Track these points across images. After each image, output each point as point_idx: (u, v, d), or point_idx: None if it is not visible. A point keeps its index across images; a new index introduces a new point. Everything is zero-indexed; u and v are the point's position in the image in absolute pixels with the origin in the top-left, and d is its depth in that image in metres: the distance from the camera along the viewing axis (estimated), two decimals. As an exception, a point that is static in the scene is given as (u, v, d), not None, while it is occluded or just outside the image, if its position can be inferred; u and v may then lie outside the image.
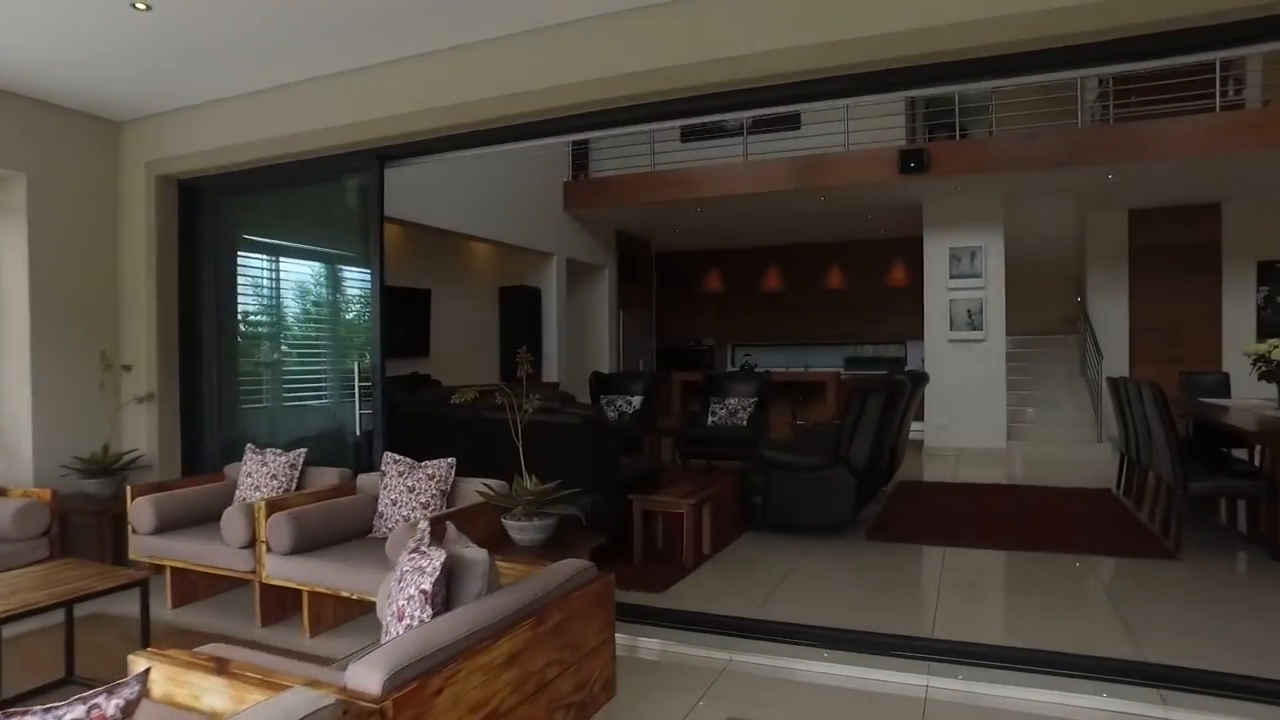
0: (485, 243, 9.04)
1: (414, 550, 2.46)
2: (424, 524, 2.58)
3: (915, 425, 9.48)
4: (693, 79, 3.62)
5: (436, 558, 2.38)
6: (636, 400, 9.20)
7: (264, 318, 5.57)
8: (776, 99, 3.69)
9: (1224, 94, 8.31)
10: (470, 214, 8.48)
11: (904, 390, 5.65)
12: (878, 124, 8.92)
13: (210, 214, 5.36)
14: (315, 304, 5.55)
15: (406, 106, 4.29)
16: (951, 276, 9.38)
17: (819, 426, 7.84)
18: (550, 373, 9.98)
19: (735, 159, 9.43)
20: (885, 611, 4.03)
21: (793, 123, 10.09)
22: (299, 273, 5.60)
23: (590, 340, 11.34)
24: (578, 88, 3.86)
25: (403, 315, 8.04)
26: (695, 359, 13.51)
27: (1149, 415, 5.29)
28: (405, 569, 2.42)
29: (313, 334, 5.56)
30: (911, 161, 8.27)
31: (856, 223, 11.25)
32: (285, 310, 5.56)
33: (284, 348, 5.52)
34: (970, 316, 9.30)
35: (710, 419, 8.76)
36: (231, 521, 3.91)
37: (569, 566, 2.80)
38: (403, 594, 2.36)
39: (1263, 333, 9.80)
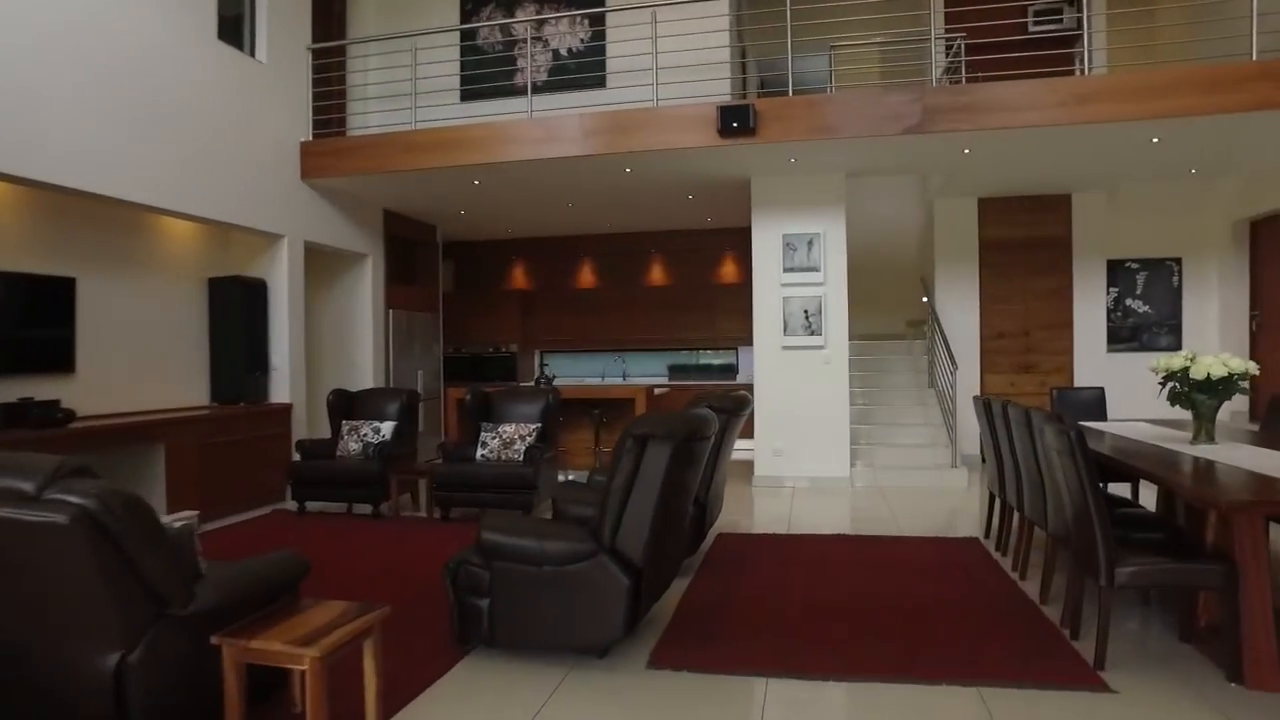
0: (174, 217, 6.56)
1: None
2: None
3: (744, 445, 7.78)
4: None
5: None
6: (388, 428, 6.97)
7: None
8: None
9: (1080, 70, 7.15)
10: (148, 176, 6.00)
11: (707, 431, 3.69)
12: (698, 85, 7.14)
13: None
14: None
15: None
16: (785, 269, 7.73)
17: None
18: (281, 390, 7.56)
19: (520, 115, 7.39)
20: None
21: (597, 78, 8.18)
22: None
23: (351, 347, 8.97)
24: None
25: (21, 315, 5.50)
26: (496, 368, 11.38)
27: (1056, 467, 3.65)
28: None
29: None
30: (734, 120, 6.50)
31: (678, 207, 9.49)
32: None
33: None
34: (807, 318, 7.68)
35: (480, 451, 6.66)
36: None
37: None
38: None
39: (1113, 339, 8.81)
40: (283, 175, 7.53)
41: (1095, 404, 5.96)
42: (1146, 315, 8.87)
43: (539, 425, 6.70)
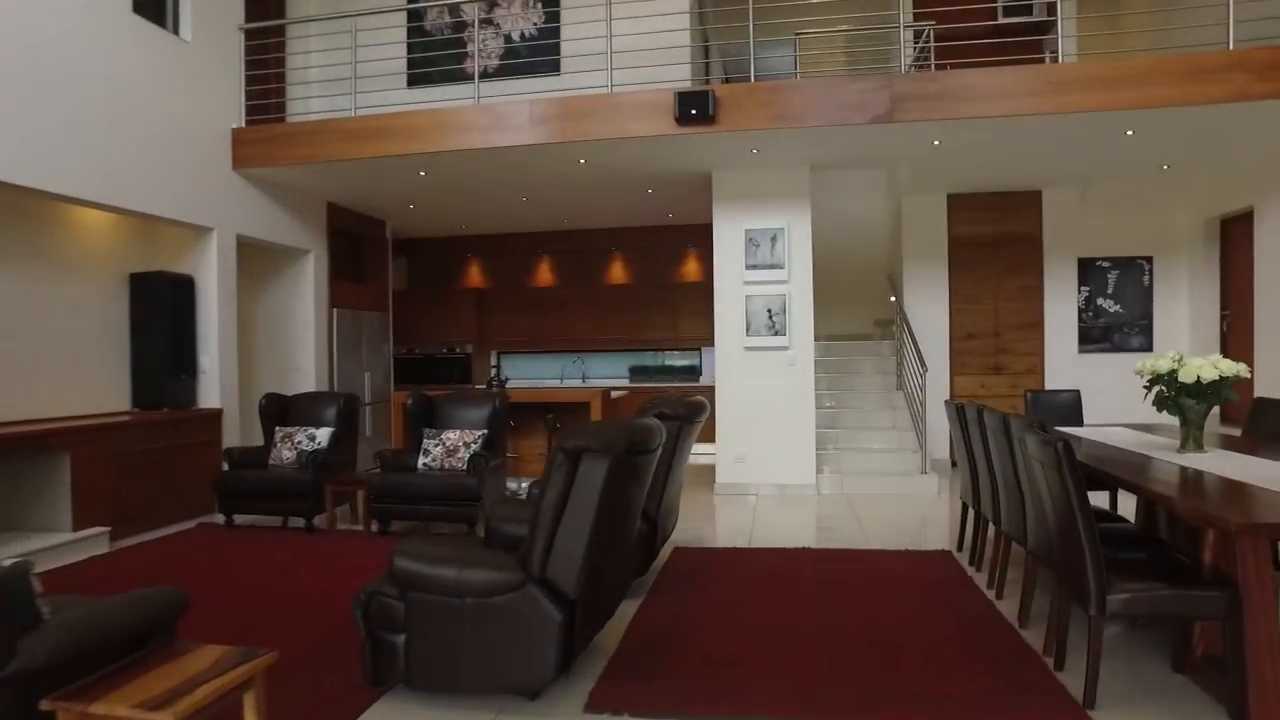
0: (88, 207, 6.03)
1: None
2: None
3: (706, 450, 7.43)
4: None
5: None
6: (324, 434, 6.50)
7: None
8: None
9: (1050, 56, 6.89)
10: (59, 163, 5.47)
11: (651, 443, 3.19)
12: (656, 71, 6.76)
13: None
14: None
15: None
16: (748, 266, 7.37)
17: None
18: (210, 395, 7.04)
19: (466, 101, 6.96)
20: None
21: (551, 63, 7.77)
22: None
23: (292, 349, 8.46)
24: None
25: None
26: (450, 370, 10.92)
27: (1039, 480, 3.31)
28: None
29: None
30: (693, 107, 6.13)
31: (638, 203, 9.11)
32: None
33: None
34: (771, 317, 7.33)
35: (421, 460, 6.21)
36: None
37: None
38: None
39: (1084, 340, 8.58)
40: (212, 164, 7.01)
41: (1071, 408, 5.67)
42: (1118, 315, 8.66)
43: (485, 432, 6.27)
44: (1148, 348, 8.61)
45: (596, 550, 2.86)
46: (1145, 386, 4.00)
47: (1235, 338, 8.03)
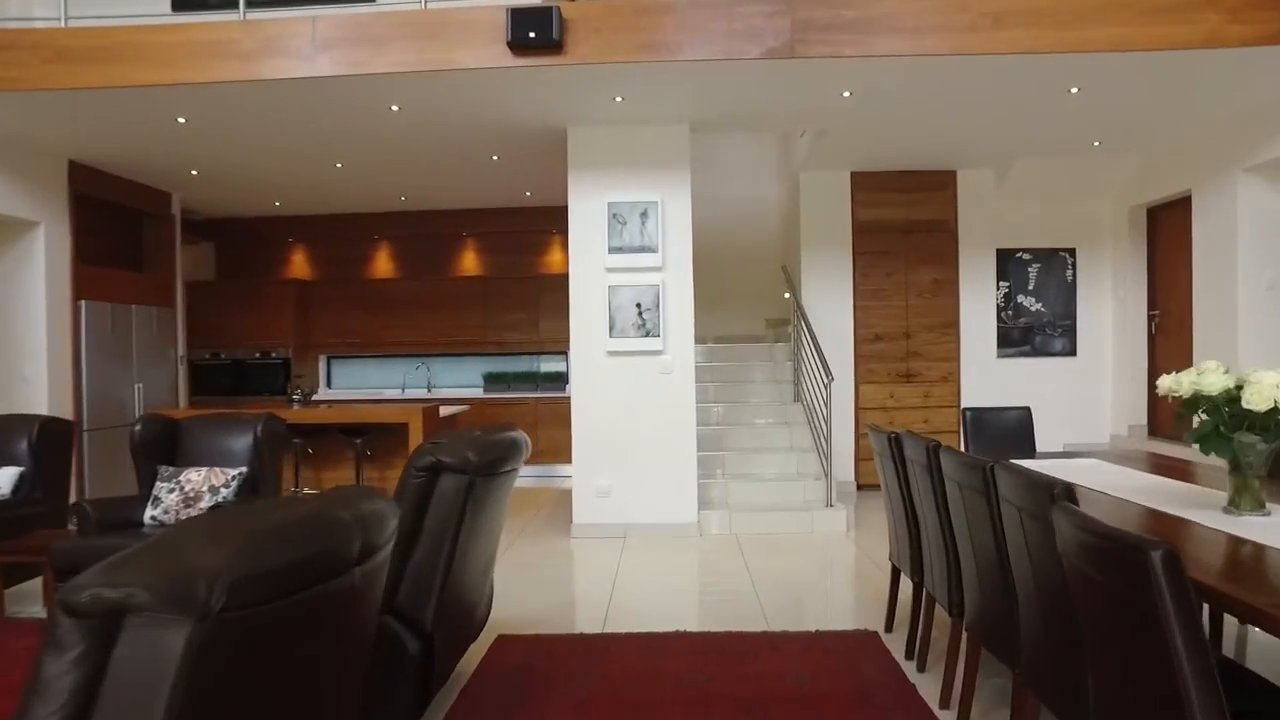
0: None
1: None
2: None
3: (563, 472, 5.87)
4: None
5: None
6: (6, 478, 4.56)
7: None
8: None
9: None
10: None
11: (516, 453, 2.41)
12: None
13: None
14: None
15: None
16: (611, 249, 5.84)
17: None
18: None
19: (229, 17, 5.13)
20: None
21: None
22: None
23: (13, 354, 6.37)
24: None
25: None
26: (264, 378, 8.97)
27: (1039, 570, 1.86)
28: None
29: None
30: (531, 28, 4.53)
31: (486, 174, 7.45)
32: None
33: None
34: (641, 314, 5.82)
35: (150, 512, 4.37)
36: None
37: None
38: None
39: (1004, 343, 7.47)
40: None
41: (1019, 430, 4.39)
42: (1039, 314, 7.60)
43: (244, 470, 4.49)
44: (1070, 351, 7.60)
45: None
46: (1179, 413, 2.66)
47: (1166, 341, 7.08)
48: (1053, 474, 2.23)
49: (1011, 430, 4.37)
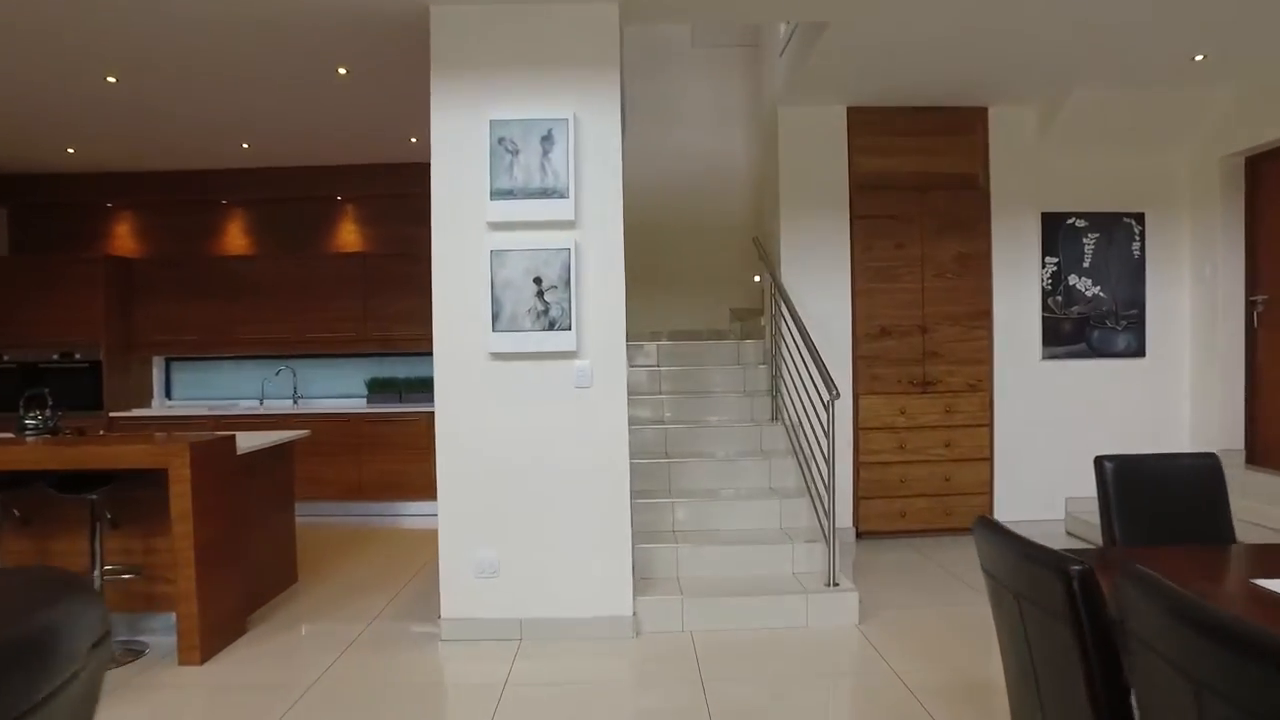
0: None
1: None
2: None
3: (427, 516, 3.79)
4: None
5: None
6: None
7: None
8: None
9: None
10: None
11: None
12: None
13: None
14: None
15: None
16: (497, 194, 3.73)
17: None
18: None
19: None
20: None
21: None
22: None
23: None
24: None
25: None
26: (69, 387, 6.74)
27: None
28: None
29: None
30: None
31: (345, 105, 5.33)
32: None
33: None
34: (542, 294, 3.73)
35: None
36: None
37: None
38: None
39: (1051, 339, 5.57)
40: None
41: (1200, 493, 2.39)
42: (1097, 301, 5.67)
43: None
44: (1138, 351, 5.68)
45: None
46: None
47: (1272, 336, 5.20)
48: None
49: (1186, 493, 2.37)
